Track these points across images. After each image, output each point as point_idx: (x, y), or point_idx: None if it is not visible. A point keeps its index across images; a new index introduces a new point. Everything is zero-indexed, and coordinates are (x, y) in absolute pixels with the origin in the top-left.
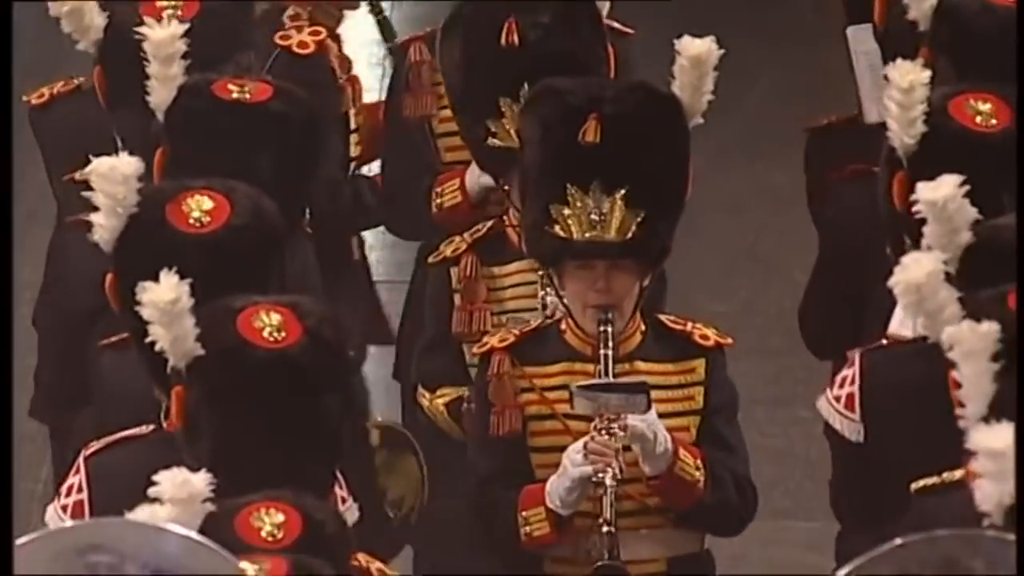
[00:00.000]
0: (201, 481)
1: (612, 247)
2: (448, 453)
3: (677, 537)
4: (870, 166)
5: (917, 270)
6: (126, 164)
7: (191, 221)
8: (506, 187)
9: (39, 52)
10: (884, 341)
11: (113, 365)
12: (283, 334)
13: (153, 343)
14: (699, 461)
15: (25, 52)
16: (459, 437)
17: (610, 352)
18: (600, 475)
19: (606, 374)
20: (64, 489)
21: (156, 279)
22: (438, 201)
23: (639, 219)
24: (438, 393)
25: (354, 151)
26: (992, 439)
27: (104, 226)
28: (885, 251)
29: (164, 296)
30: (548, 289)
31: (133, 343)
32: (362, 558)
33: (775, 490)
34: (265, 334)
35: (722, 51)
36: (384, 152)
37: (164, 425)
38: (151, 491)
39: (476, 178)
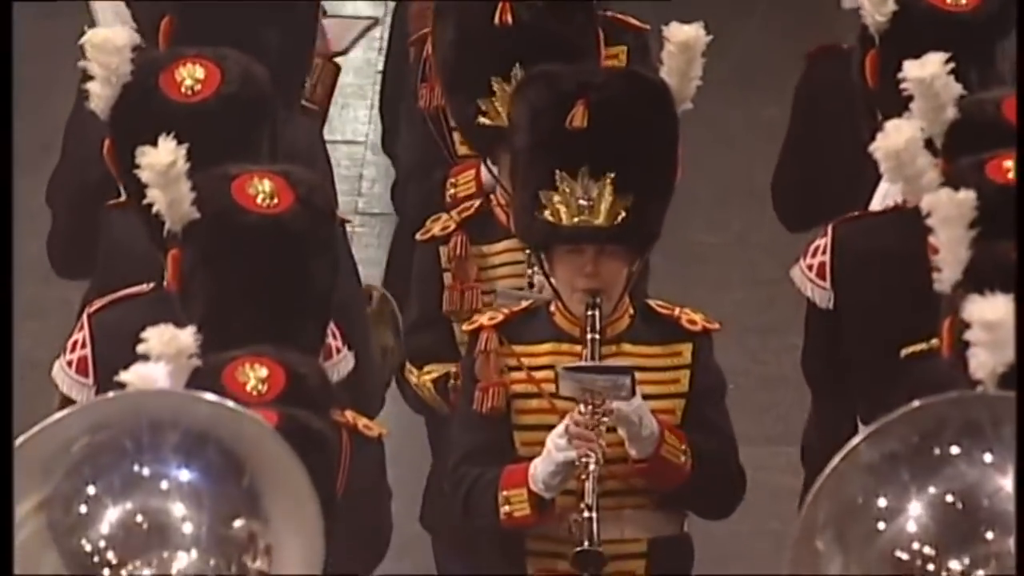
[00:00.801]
0: (188, 337)
1: (600, 232)
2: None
3: (658, 519)
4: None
5: (897, 137)
6: (119, 35)
7: (183, 89)
8: (494, 166)
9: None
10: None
11: (120, 224)
12: (275, 200)
13: (151, 206)
14: (685, 444)
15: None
16: (445, 412)
17: (597, 336)
18: (584, 459)
19: (593, 357)
20: (69, 345)
21: (150, 145)
22: (452, 191)
23: (628, 204)
24: (426, 369)
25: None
26: (986, 310)
27: (99, 95)
28: (851, 123)
29: (162, 160)
30: (536, 268)
31: (133, 206)
32: (349, 415)
33: (767, 416)
34: (258, 200)
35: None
36: (400, 141)
37: (164, 284)
38: (139, 347)
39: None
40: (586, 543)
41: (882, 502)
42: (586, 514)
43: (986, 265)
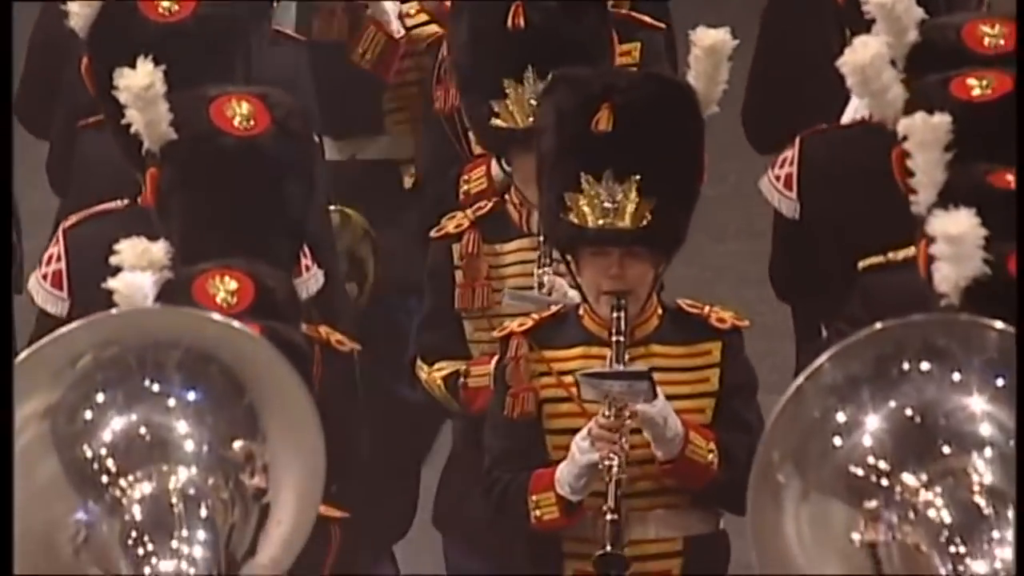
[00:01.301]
0: (160, 250)
1: (625, 234)
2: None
3: (692, 518)
4: None
5: (864, 52)
6: None
7: (160, 10)
8: (508, 166)
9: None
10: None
11: (92, 143)
12: (252, 123)
13: (128, 126)
14: (711, 443)
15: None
16: (455, 409)
17: (623, 338)
18: (607, 462)
19: (618, 360)
20: (44, 258)
21: (128, 64)
22: (465, 188)
23: (653, 207)
24: (436, 367)
25: None
26: (949, 225)
27: (79, 14)
28: (818, 45)
29: (139, 82)
30: (546, 268)
31: (108, 125)
32: (323, 330)
33: (763, 364)
34: (236, 122)
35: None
36: (419, 143)
37: (139, 200)
38: (112, 259)
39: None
40: (608, 546)
41: (840, 417)
42: (609, 516)
43: (961, 187)
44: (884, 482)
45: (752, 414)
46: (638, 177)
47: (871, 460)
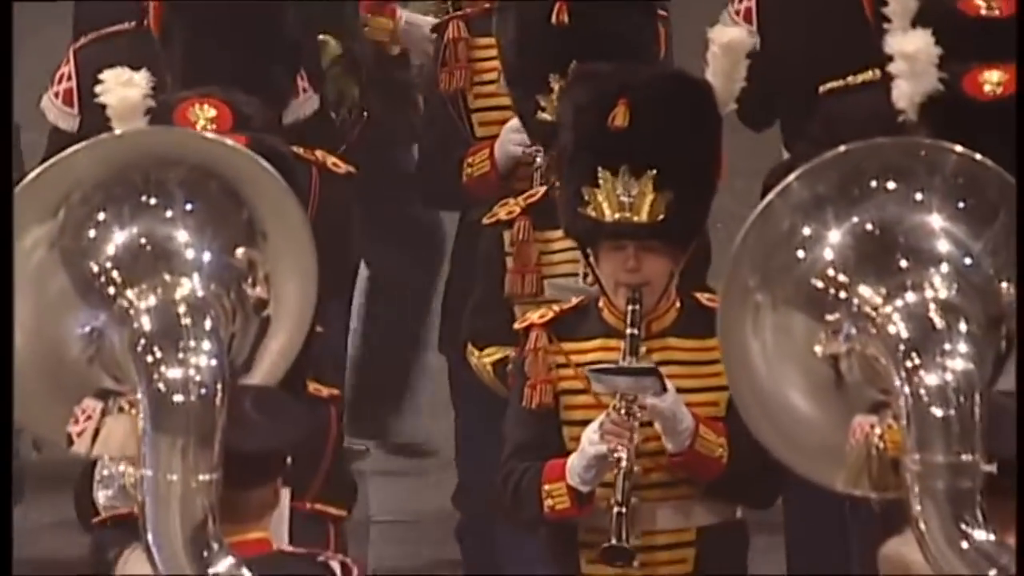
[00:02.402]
0: (142, 78)
1: (641, 229)
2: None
3: (706, 508)
4: None
5: None
6: None
7: None
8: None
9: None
10: None
11: None
12: None
13: None
14: (722, 437)
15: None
16: (504, 394)
17: (637, 331)
18: (616, 454)
19: (631, 352)
20: (56, 78)
21: None
22: (468, 171)
23: (669, 202)
24: (486, 352)
25: None
26: (905, 43)
27: None
28: None
29: None
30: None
31: None
32: (319, 153)
33: None
34: None
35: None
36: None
37: (145, 23)
38: (96, 88)
39: (505, 149)
40: (614, 539)
41: (805, 231)
42: (616, 509)
43: (931, 13)
44: (843, 295)
45: None
46: (654, 172)
47: (831, 272)
